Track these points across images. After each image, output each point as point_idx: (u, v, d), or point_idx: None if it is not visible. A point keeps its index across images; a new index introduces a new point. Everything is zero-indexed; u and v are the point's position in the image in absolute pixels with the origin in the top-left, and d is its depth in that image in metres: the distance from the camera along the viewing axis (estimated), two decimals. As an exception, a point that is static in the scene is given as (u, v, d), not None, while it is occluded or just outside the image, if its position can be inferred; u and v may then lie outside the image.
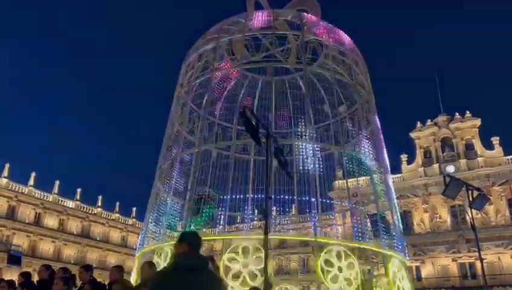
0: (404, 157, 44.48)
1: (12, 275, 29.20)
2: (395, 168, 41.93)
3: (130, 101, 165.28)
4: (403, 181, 42.74)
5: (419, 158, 43.76)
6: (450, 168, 40.56)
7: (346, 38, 17.03)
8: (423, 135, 44.05)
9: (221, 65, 16.76)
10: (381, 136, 17.14)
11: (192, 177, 15.82)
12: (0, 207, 42.89)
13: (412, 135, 44.68)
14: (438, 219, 40.49)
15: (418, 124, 44.84)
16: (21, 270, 9.18)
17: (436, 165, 42.13)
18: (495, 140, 40.96)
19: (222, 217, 20.65)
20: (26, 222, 44.80)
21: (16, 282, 7.41)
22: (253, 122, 5.87)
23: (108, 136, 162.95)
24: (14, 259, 26.84)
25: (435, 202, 40.77)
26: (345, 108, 17.17)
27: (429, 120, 44.55)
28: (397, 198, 26.26)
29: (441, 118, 43.94)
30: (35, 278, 8.13)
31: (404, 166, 44.14)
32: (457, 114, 43.35)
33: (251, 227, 38.68)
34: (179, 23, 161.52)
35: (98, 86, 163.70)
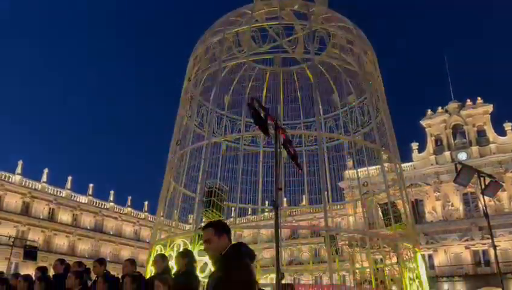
0: (414, 145, 44.13)
1: (28, 269, 29.71)
2: (406, 157, 41.71)
3: (139, 95, 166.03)
4: (414, 170, 42.46)
5: (430, 146, 43.37)
6: (462, 156, 40.16)
7: (354, 27, 16.86)
8: (434, 123, 43.60)
9: (228, 57, 16.72)
10: (391, 125, 17.01)
11: (202, 170, 15.87)
12: (15, 203, 43.58)
13: (423, 123, 44.25)
14: (450, 207, 40.19)
15: (429, 112, 44.39)
16: (37, 265, 9.37)
17: (447, 153, 41.73)
18: (507, 126, 40.41)
19: (233, 209, 20.75)
20: (41, 217, 45.50)
21: (33, 276, 7.54)
22: (262, 114, 5.84)
23: (119, 130, 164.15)
24: (30, 254, 27.31)
25: (447, 190, 40.45)
26: (354, 97, 17.05)
27: (440, 107, 44.08)
28: (408, 187, 26.16)
29: (452, 105, 43.42)
30: (50, 272, 8.27)
31: (415, 154, 43.81)
32: (468, 100, 42.79)
33: (262, 218, 38.88)
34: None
35: (102, 85, 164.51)
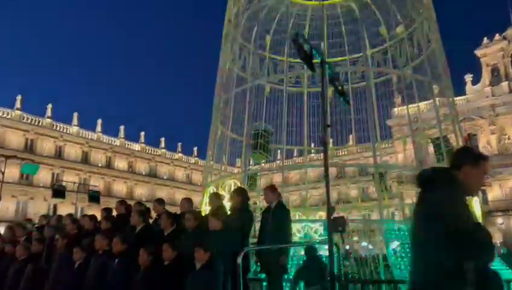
0: (468, 77, 41.56)
1: (92, 211, 31.99)
2: (459, 90, 39.50)
3: (187, 42, 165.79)
4: (468, 103, 40.35)
5: (485, 77, 40.73)
6: (522, 86, 37.53)
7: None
8: (490, 52, 40.56)
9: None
10: (444, 56, 16.04)
11: (247, 113, 15.99)
12: (75, 153, 46.63)
13: (478, 52, 41.28)
14: (506, 140, 38.35)
15: (485, 40, 41.20)
16: (101, 207, 10.14)
17: (505, 84, 39.12)
18: None
19: (279, 151, 20.96)
20: (100, 165, 48.58)
21: (99, 217, 8.18)
22: (306, 49, 5.66)
23: (166, 80, 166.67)
24: (94, 198, 29.53)
25: (504, 122, 38.40)
26: (403, 28, 16.07)
27: (497, 35, 40.73)
28: (461, 121, 25.04)
29: (511, 31, 39.99)
30: (113, 213, 8.91)
31: (468, 87, 41.42)
32: (530, 24, 39.22)
33: (308, 160, 39.12)
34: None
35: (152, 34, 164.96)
